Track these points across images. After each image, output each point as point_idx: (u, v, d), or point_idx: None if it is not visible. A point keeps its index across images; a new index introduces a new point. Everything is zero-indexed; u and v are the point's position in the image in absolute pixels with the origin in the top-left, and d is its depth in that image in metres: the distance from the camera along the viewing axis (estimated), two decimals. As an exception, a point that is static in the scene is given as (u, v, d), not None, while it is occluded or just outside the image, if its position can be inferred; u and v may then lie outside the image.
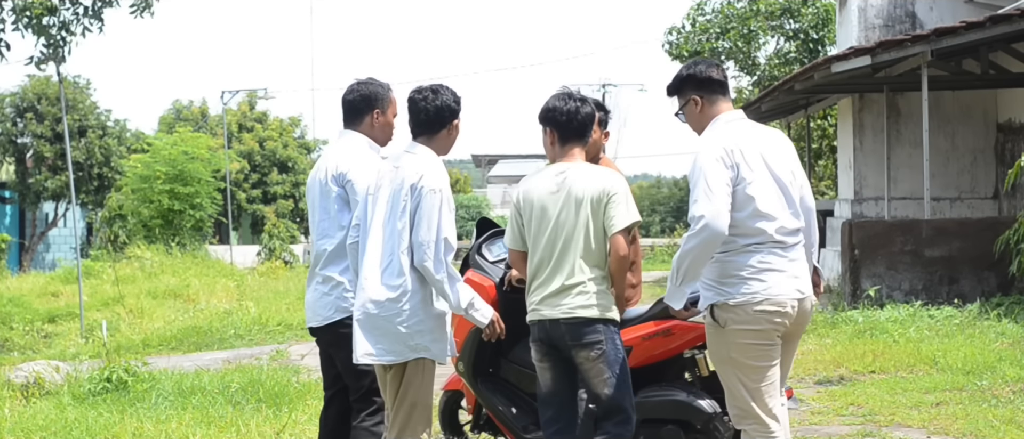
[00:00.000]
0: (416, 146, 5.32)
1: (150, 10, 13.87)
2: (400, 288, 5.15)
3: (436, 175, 5.19)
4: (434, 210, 5.11)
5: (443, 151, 5.41)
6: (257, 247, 37.52)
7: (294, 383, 9.58)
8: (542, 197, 5.37)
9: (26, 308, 18.96)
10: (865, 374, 9.91)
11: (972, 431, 7.49)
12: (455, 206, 5.34)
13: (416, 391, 5.24)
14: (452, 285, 5.16)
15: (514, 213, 5.48)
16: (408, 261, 5.15)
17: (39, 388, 9.82)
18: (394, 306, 5.15)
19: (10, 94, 36.25)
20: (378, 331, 5.19)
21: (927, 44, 14.12)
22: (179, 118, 42.50)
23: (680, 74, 5.20)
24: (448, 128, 5.35)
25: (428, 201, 5.12)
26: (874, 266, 14.23)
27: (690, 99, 5.14)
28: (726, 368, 5.00)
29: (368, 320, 5.21)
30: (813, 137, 24.13)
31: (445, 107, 5.30)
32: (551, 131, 5.46)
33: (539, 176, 5.45)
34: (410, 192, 5.16)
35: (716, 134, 5.01)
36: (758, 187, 4.89)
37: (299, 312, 16.64)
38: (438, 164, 5.31)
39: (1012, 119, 16.93)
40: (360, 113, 5.69)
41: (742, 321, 4.89)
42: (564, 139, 5.44)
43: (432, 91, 5.33)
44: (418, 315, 5.17)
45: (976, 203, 17.39)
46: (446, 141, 5.38)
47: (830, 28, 25.93)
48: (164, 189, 27.65)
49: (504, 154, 63.26)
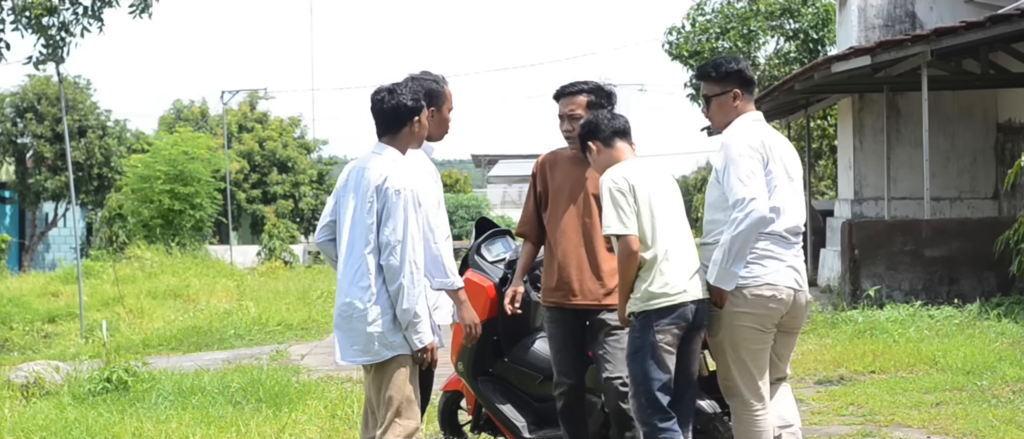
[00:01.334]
0: (382, 147, 5.41)
1: (149, 11, 13.86)
2: (368, 289, 5.23)
3: (399, 175, 5.26)
4: (399, 210, 5.19)
5: (413, 146, 5.48)
6: (257, 247, 37.52)
7: (294, 383, 9.57)
8: (648, 180, 5.40)
9: (26, 308, 18.96)
10: (865, 374, 9.91)
11: (972, 431, 7.49)
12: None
13: (398, 389, 5.28)
14: (411, 293, 5.16)
15: (626, 199, 5.33)
16: (374, 262, 5.22)
17: (39, 388, 9.81)
18: (363, 307, 5.23)
19: (10, 94, 36.23)
20: (352, 333, 5.29)
21: (927, 44, 14.11)
22: (179, 118, 42.48)
23: (729, 65, 5.48)
24: (410, 125, 5.41)
25: (392, 201, 5.20)
26: (874, 266, 14.23)
27: (732, 91, 5.44)
28: (720, 347, 5.35)
29: (342, 322, 5.33)
30: (813, 137, 24.12)
31: (400, 106, 5.39)
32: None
33: (626, 163, 5.49)
34: (375, 194, 5.24)
35: (744, 128, 5.37)
36: (777, 185, 5.29)
37: (299, 312, 16.64)
38: (403, 163, 5.36)
39: (1012, 119, 16.93)
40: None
41: (740, 304, 5.23)
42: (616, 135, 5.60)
43: (388, 91, 5.42)
44: (388, 314, 5.23)
45: (976, 203, 17.39)
46: (411, 137, 5.45)
47: (830, 28, 25.92)
48: (164, 189, 27.64)
49: (504, 154, 63.24)
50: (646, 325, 5.25)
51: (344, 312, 5.30)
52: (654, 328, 5.23)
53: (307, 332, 15.01)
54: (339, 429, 7.82)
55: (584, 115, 5.86)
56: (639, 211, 5.30)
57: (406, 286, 5.17)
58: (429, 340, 5.30)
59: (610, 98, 5.99)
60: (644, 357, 5.24)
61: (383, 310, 5.22)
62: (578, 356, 5.91)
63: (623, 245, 5.28)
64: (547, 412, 6.33)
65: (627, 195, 5.30)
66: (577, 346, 5.90)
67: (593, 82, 5.98)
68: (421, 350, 5.27)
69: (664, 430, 5.23)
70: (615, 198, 5.29)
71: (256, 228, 41.28)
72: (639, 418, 5.31)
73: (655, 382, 5.22)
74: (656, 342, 5.23)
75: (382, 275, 5.22)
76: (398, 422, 5.27)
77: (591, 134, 5.61)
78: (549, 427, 6.30)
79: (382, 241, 5.19)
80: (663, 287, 5.24)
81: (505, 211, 50.66)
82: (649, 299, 5.25)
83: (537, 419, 6.36)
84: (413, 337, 5.24)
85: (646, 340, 5.25)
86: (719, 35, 27.01)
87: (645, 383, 5.24)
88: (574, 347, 5.90)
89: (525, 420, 6.33)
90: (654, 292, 5.24)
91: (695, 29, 27.38)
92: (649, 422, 5.27)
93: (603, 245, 5.79)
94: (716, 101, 5.47)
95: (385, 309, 5.23)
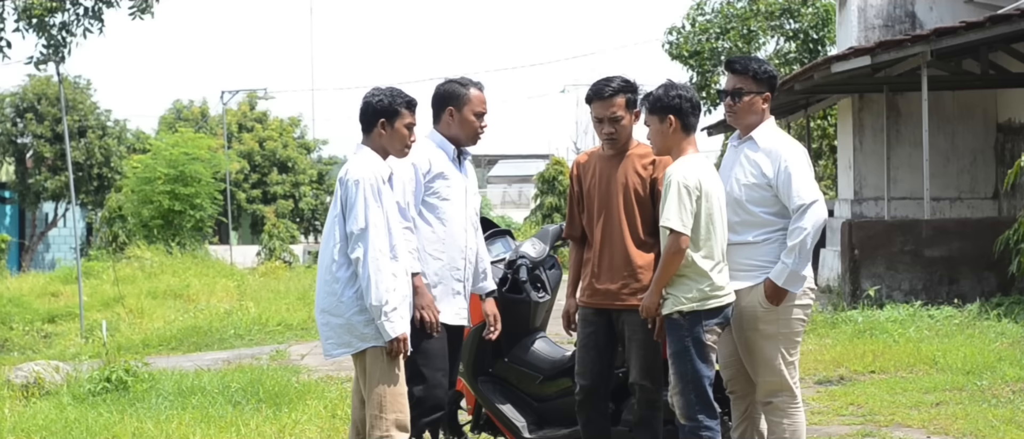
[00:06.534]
0: (359, 147, 5.51)
1: (150, 11, 13.87)
2: (336, 280, 5.32)
3: (359, 167, 5.34)
4: (358, 200, 5.26)
5: (387, 150, 5.48)
6: (257, 247, 37.51)
7: (294, 383, 9.58)
8: (714, 183, 5.48)
9: (26, 308, 18.96)
10: (865, 374, 9.91)
11: (972, 431, 7.49)
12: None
13: (380, 381, 5.31)
14: (379, 284, 5.18)
15: (692, 199, 5.37)
16: (341, 253, 5.31)
17: (39, 388, 9.82)
18: (333, 298, 5.32)
19: (10, 94, 36.22)
20: (327, 326, 5.39)
21: (927, 44, 14.10)
22: (180, 118, 42.46)
23: (766, 69, 5.63)
24: (380, 126, 5.44)
25: (351, 192, 5.30)
26: (874, 266, 14.23)
27: (765, 95, 5.62)
28: (771, 342, 5.51)
29: (319, 315, 5.43)
30: (813, 137, 24.12)
31: (368, 107, 5.47)
32: (674, 119, 5.52)
33: (697, 160, 5.51)
34: (339, 186, 5.37)
35: (784, 135, 5.71)
36: None
37: (299, 312, 16.62)
38: (368, 158, 5.41)
39: (1012, 119, 16.92)
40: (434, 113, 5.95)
41: (795, 298, 5.50)
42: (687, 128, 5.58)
43: (367, 94, 5.51)
44: (356, 305, 5.28)
45: (976, 203, 17.38)
46: (381, 140, 5.46)
47: (830, 28, 25.92)
48: (165, 190, 27.63)
49: (504, 154, 63.20)
50: (695, 323, 5.36)
51: (318, 305, 5.42)
52: (703, 326, 5.35)
53: (307, 332, 15.00)
54: (339, 429, 7.82)
55: (625, 116, 5.78)
56: (699, 213, 5.37)
57: (373, 277, 5.20)
58: (401, 331, 5.28)
59: (637, 91, 5.91)
60: (693, 355, 5.36)
61: (352, 301, 5.29)
62: (598, 358, 5.84)
63: (674, 241, 5.32)
64: (547, 412, 6.33)
65: (693, 195, 5.35)
66: (597, 348, 5.84)
67: (620, 78, 5.85)
68: (392, 341, 5.27)
69: (708, 428, 5.36)
70: (681, 195, 5.33)
71: (256, 228, 41.26)
72: (685, 414, 5.39)
73: (705, 379, 5.37)
74: (704, 340, 5.37)
75: (350, 267, 5.28)
76: (383, 416, 5.29)
77: (676, 111, 5.51)
78: (549, 427, 6.30)
79: (347, 232, 5.29)
80: (716, 289, 5.38)
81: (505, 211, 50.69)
82: (703, 299, 5.35)
83: (537, 419, 6.36)
84: (383, 327, 5.24)
85: (695, 338, 5.36)
86: (719, 35, 27.02)
87: (696, 380, 5.35)
88: (594, 348, 5.84)
89: (525, 420, 6.33)
90: (708, 292, 5.36)
91: (695, 29, 27.39)
92: (694, 418, 5.36)
93: (635, 245, 5.74)
94: (748, 99, 5.60)
95: (354, 300, 5.28)
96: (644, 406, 5.75)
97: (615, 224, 5.76)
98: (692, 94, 5.58)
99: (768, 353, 5.52)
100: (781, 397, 5.54)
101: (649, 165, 5.78)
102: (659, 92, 5.55)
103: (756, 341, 5.53)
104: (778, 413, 5.56)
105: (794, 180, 5.44)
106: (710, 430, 5.36)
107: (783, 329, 5.52)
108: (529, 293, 6.38)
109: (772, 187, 5.51)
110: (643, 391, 5.73)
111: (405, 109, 5.47)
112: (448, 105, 5.86)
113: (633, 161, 5.80)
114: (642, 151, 5.82)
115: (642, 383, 5.71)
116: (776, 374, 5.52)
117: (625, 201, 5.75)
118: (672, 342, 5.42)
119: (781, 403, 5.54)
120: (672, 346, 5.42)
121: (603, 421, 5.91)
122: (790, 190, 5.44)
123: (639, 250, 5.72)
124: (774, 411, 5.57)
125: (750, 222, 5.54)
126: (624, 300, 5.72)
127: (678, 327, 5.39)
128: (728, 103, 5.68)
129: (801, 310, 5.56)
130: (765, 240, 5.52)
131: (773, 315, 5.49)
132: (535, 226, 35.50)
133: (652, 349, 5.68)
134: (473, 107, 5.88)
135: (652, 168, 5.77)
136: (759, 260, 5.50)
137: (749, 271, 5.52)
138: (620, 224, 5.75)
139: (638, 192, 5.75)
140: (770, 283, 5.45)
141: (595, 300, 5.82)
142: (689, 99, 5.53)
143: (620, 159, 5.81)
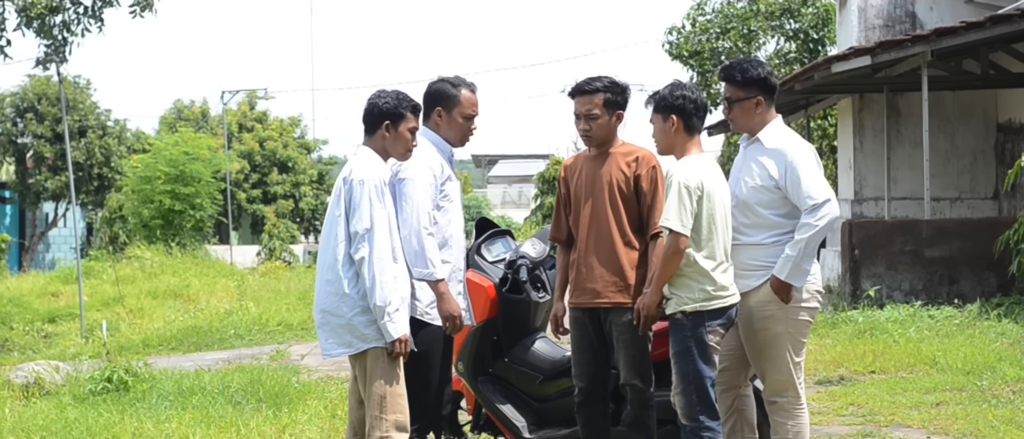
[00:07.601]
0: (362, 147, 5.51)
1: (152, 9, 13.87)
2: (336, 280, 5.30)
3: (363, 167, 5.33)
4: (364, 201, 5.25)
5: (390, 152, 5.48)
6: (257, 247, 37.51)
7: (294, 383, 9.57)
8: (718, 184, 5.47)
9: (26, 308, 18.96)
10: (865, 374, 9.91)
11: (972, 431, 7.49)
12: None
13: (380, 382, 5.30)
14: (382, 285, 5.17)
15: (693, 200, 5.37)
16: (343, 253, 5.28)
17: (39, 388, 9.82)
18: (335, 298, 5.31)
19: (10, 94, 36.23)
20: (328, 326, 5.38)
21: (927, 44, 14.10)
22: (180, 118, 42.47)
23: (755, 71, 5.62)
24: (383, 129, 5.44)
25: (356, 192, 5.29)
26: (874, 266, 14.23)
27: (757, 99, 5.59)
28: (778, 342, 5.51)
29: (319, 315, 5.42)
30: (813, 137, 24.11)
31: (374, 108, 5.48)
32: (677, 119, 5.51)
33: (700, 160, 5.50)
34: (342, 185, 5.35)
35: (787, 134, 5.63)
36: None
37: (299, 312, 16.63)
38: (371, 159, 5.41)
39: (1012, 119, 16.92)
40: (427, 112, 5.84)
41: (803, 299, 5.51)
42: (691, 128, 5.56)
43: (373, 95, 5.51)
44: (360, 305, 5.26)
45: (976, 203, 17.37)
46: (383, 142, 5.47)
47: (830, 28, 25.91)
48: (165, 190, 27.63)
49: (504, 154, 63.25)
50: (698, 324, 5.35)
51: (319, 305, 5.40)
52: (706, 327, 5.35)
53: (307, 332, 15.00)
54: (339, 429, 7.81)
55: (602, 114, 5.79)
56: (700, 213, 5.36)
57: (377, 277, 5.20)
58: (403, 332, 5.28)
59: (625, 93, 5.91)
60: (695, 355, 5.36)
61: (354, 302, 5.27)
62: (593, 360, 5.84)
63: (673, 241, 5.33)
64: (547, 412, 6.33)
65: (694, 196, 5.34)
66: (591, 349, 5.84)
67: (608, 78, 5.87)
68: (394, 342, 5.26)
69: (710, 429, 5.35)
70: (682, 195, 5.33)
71: (256, 228, 41.28)
72: (686, 415, 5.39)
73: (708, 379, 5.37)
74: (707, 341, 5.37)
75: (353, 267, 5.27)
76: (384, 417, 5.28)
77: (679, 111, 5.51)
78: (549, 427, 6.30)
79: (351, 232, 5.27)
80: (719, 289, 5.37)
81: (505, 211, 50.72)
82: (707, 299, 5.35)
83: (537, 419, 6.36)
84: (386, 328, 5.24)
85: (697, 338, 5.36)
86: (719, 35, 27.01)
87: (698, 380, 5.35)
88: (589, 350, 5.84)
89: (525, 420, 6.33)
90: (711, 293, 5.35)
91: (695, 29, 27.38)
92: (696, 419, 5.36)
93: (621, 243, 5.74)
94: (739, 105, 5.62)
95: (356, 300, 5.27)
96: (636, 405, 5.75)
97: (602, 221, 5.79)
98: (697, 95, 5.56)
99: (776, 351, 5.53)
100: (787, 396, 5.55)
101: (632, 162, 5.80)
102: (664, 91, 5.57)
103: (764, 340, 5.54)
104: (783, 413, 5.57)
105: (803, 180, 5.43)
106: (711, 431, 5.36)
107: (790, 328, 5.52)
108: (529, 293, 6.38)
109: (780, 189, 5.50)
110: (634, 390, 5.73)
111: (410, 113, 5.50)
112: (437, 105, 5.81)
113: (617, 159, 5.83)
114: (626, 150, 5.86)
115: (632, 382, 5.71)
116: (784, 372, 5.53)
117: (610, 199, 5.77)
118: (675, 342, 5.42)
119: (786, 403, 5.56)
120: (675, 346, 5.42)
121: (602, 421, 5.90)
122: (800, 190, 5.43)
123: (626, 248, 5.74)
124: (779, 411, 5.58)
125: (759, 224, 5.54)
126: (610, 297, 5.73)
127: (681, 327, 5.39)
128: (725, 111, 5.74)
129: (808, 312, 5.57)
130: (775, 242, 5.51)
131: (781, 314, 5.50)
132: (535, 226, 35.52)
133: (640, 348, 5.69)
134: (463, 109, 5.82)
135: (635, 165, 5.79)
136: (769, 261, 5.50)
137: (757, 271, 5.52)
138: (607, 221, 5.77)
139: (622, 189, 5.78)
140: (775, 278, 5.45)
141: (583, 299, 5.83)
142: (693, 100, 5.52)
143: (605, 158, 5.84)
